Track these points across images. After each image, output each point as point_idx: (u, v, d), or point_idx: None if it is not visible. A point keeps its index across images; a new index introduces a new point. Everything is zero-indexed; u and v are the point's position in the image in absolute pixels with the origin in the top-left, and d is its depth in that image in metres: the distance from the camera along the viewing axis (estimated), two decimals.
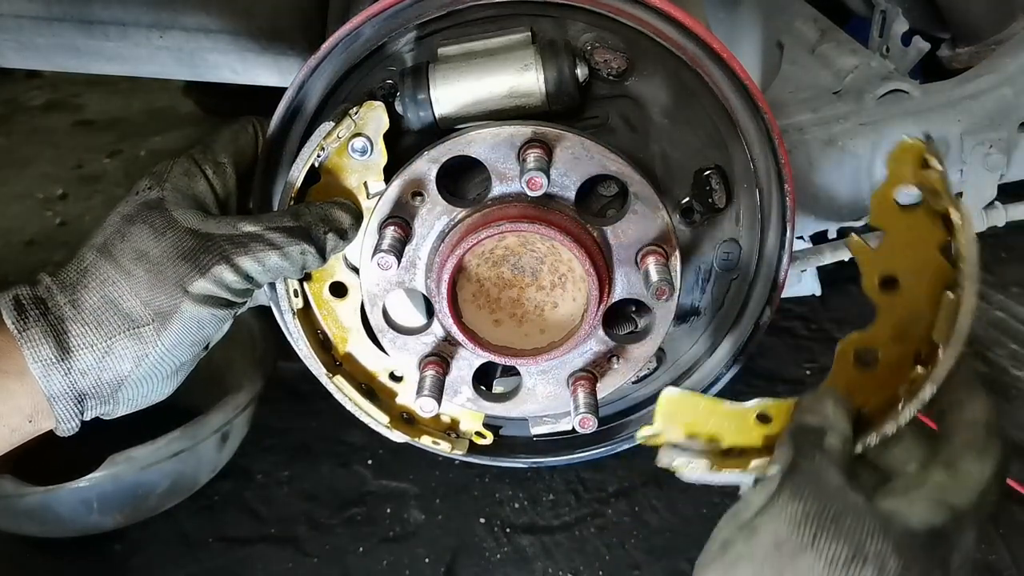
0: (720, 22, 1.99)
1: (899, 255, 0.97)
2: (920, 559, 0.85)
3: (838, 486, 0.89)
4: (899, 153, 0.93)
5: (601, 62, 1.07)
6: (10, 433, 0.98)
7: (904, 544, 0.85)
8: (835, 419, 0.96)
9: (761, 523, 0.88)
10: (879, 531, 0.85)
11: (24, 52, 1.46)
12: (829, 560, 0.84)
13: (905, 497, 0.90)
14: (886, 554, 0.84)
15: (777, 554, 0.85)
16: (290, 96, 1.10)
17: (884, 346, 1.00)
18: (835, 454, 0.93)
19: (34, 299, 0.99)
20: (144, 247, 1.01)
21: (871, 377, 1.01)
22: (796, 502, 0.87)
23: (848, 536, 0.85)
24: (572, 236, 1.02)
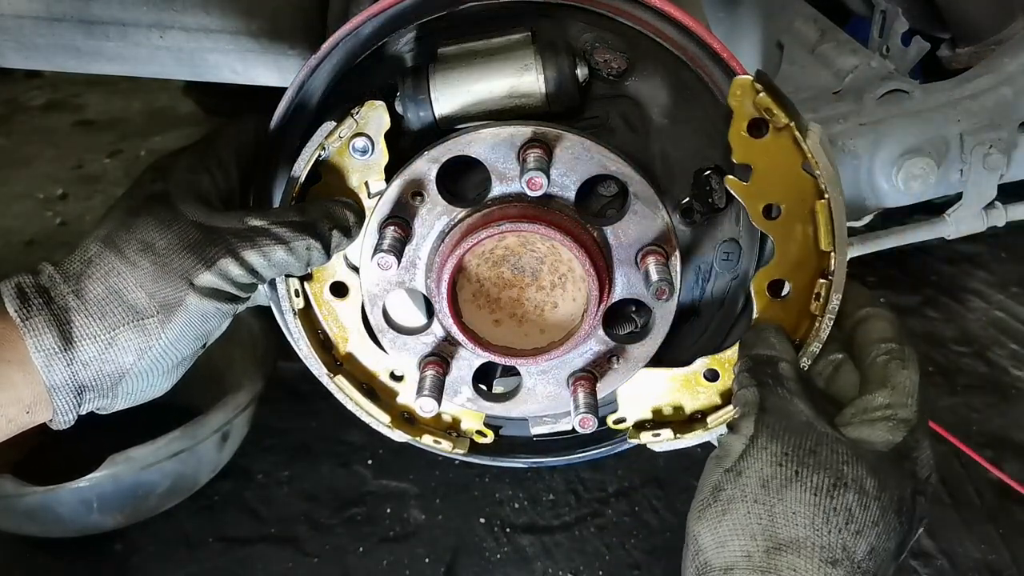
0: (720, 22, 1.99)
1: (770, 182, 1.04)
2: (892, 475, 0.93)
3: (807, 420, 0.97)
4: (735, 90, 1.02)
5: (601, 62, 1.07)
6: (6, 424, 0.98)
7: (876, 465, 0.93)
8: (781, 346, 1.05)
9: (745, 465, 0.94)
10: (852, 457, 0.92)
11: (24, 52, 1.45)
12: (814, 490, 0.90)
13: (864, 423, 0.99)
14: (863, 477, 0.91)
15: (765, 492, 0.92)
16: (290, 96, 1.10)
17: (789, 274, 1.08)
18: (792, 380, 1.01)
19: (37, 288, 0.99)
20: (150, 239, 1.01)
21: (788, 305, 1.09)
22: (774, 442, 0.94)
23: (827, 466, 0.91)
24: (572, 236, 1.02)
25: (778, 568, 0.88)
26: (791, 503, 0.90)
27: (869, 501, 0.90)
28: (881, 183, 1.64)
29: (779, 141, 1.04)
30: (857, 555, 0.88)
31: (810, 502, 0.90)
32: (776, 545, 0.89)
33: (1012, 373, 1.97)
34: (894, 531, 0.90)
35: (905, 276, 2.25)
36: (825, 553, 0.88)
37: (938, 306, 2.16)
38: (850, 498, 0.90)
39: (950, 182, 1.66)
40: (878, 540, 0.89)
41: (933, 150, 1.61)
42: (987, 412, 1.87)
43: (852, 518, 0.89)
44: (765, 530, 0.90)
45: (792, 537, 0.89)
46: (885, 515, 0.90)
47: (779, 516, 0.90)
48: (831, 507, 0.89)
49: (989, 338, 2.07)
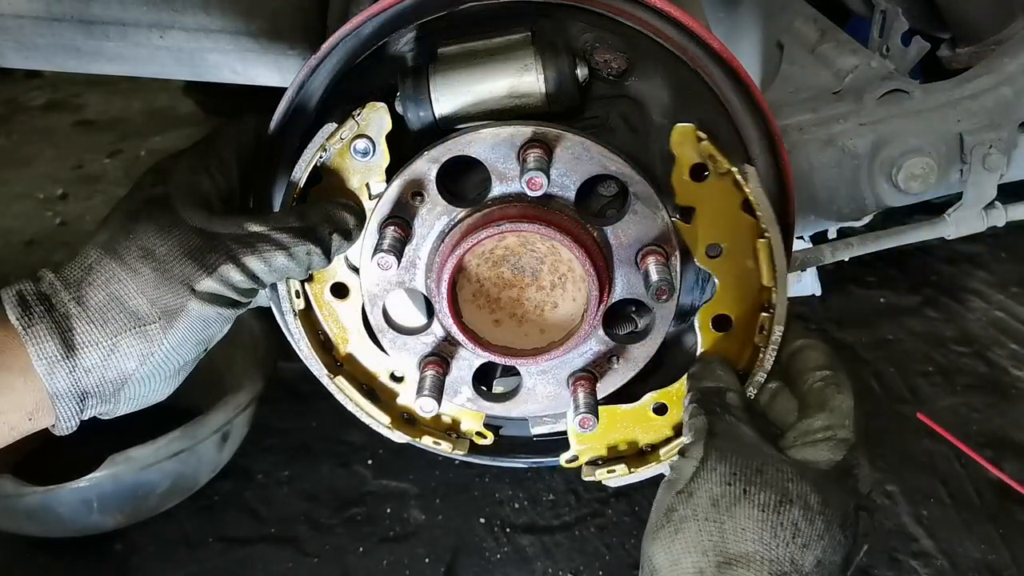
0: (720, 22, 1.99)
1: (712, 224, 1.09)
2: (835, 491, 0.97)
3: (754, 443, 1.02)
4: (677, 138, 1.05)
5: (601, 62, 1.07)
6: (9, 430, 0.98)
7: (819, 482, 0.97)
8: (727, 377, 1.10)
9: (696, 487, 0.97)
10: (797, 476, 0.97)
11: (24, 52, 1.45)
12: (762, 506, 0.94)
13: (806, 445, 1.03)
14: (807, 493, 0.95)
15: (715, 510, 0.95)
16: (290, 96, 1.10)
17: (732, 308, 1.12)
18: (739, 408, 1.06)
19: (38, 295, 0.99)
20: (150, 245, 1.01)
21: (732, 338, 1.14)
22: (723, 463, 0.98)
23: (773, 484, 0.95)
24: (572, 236, 1.02)
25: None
26: (740, 519, 0.94)
27: (814, 516, 0.94)
28: (881, 183, 1.64)
29: (719, 184, 1.07)
30: (805, 567, 0.92)
31: (758, 518, 0.93)
32: (727, 560, 0.92)
33: (1012, 373, 1.97)
34: (839, 544, 0.94)
35: (905, 276, 2.25)
36: (774, 566, 0.91)
37: (938, 306, 2.16)
38: (796, 513, 0.94)
39: (950, 182, 1.66)
40: (824, 553, 0.93)
41: (933, 150, 1.61)
42: (987, 412, 1.87)
43: (799, 532, 0.93)
44: (716, 546, 0.94)
45: (742, 552, 0.92)
46: (830, 529, 0.94)
47: (729, 532, 0.94)
48: (778, 522, 0.93)
49: (989, 338, 2.06)
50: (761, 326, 1.11)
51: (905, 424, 1.85)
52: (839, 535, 0.94)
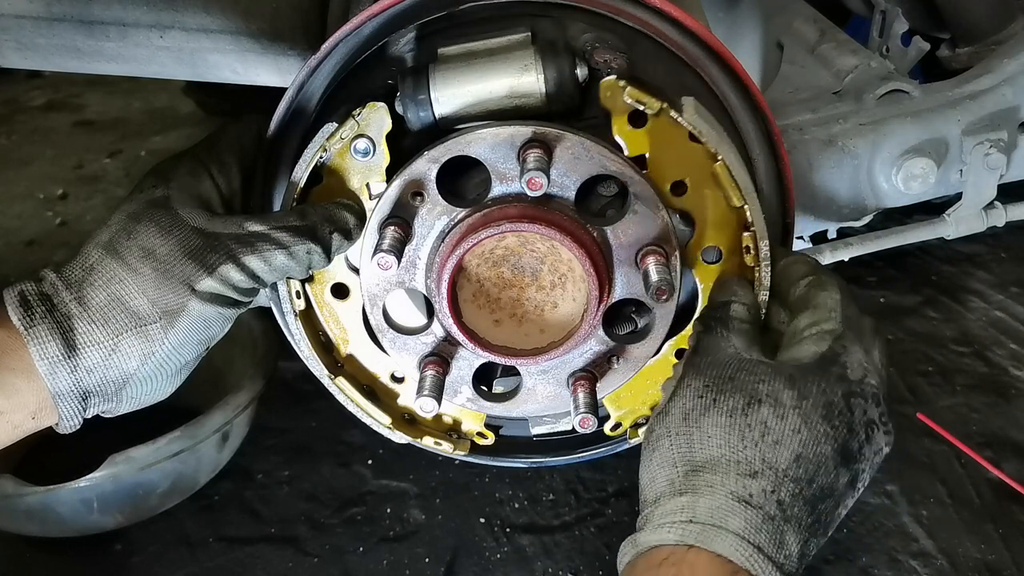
0: (720, 22, 1.99)
1: (666, 163, 1.08)
2: (816, 382, 0.94)
3: (733, 353, 0.99)
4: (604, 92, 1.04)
5: (601, 62, 1.07)
6: (12, 429, 0.99)
7: (795, 376, 0.94)
8: (741, 291, 1.07)
9: (672, 405, 0.97)
10: (769, 374, 0.94)
11: (24, 52, 1.45)
12: (729, 412, 0.92)
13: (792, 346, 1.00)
14: (778, 390, 0.93)
15: (685, 423, 0.94)
16: (290, 96, 1.10)
17: (716, 239, 1.12)
18: (739, 320, 1.03)
19: (40, 296, 0.99)
20: (151, 245, 1.01)
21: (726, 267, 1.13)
22: (698, 377, 0.97)
23: (742, 388, 0.94)
24: (572, 236, 1.02)
25: (695, 487, 0.90)
26: (707, 428, 0.93)
27: (787, 412, 0.91)
28: (881, 183, 1.64)
29: (660, 124, 1.06)
30: (780, 464, 0.90)
31: (725, 424, 0.92)
32: (694, 468, 0.92)
33: (1012, 373, 1.96)
34: (824, 436, 0.91)
35: (905, 276, 2.25)
36: (742, 467, 0.90)
37: (938, 306, 2.16)
38: (765, 412, 0.92)
39: (950, 182, 1.67)
40: (804, 447, 0.90)
41: (933, 150, 1.61)
42: (987, 412, 1.87)
43: (768, 430, 0.91)
44: (683, 456, 0.93)
45: (708, 457, 0.91)
46: (808, 422, 0.91)
47: (696, 442, 0.93)
48: (745, 424, 0.92)
49: (989, 338, 2.06)
50: (747, 246, 1.09)
51: (905, 424, 1.85)
52: (822, 426, 0.91)
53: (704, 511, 0.89)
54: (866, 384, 0.95)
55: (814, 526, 0.91)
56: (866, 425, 0.94)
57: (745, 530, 0.87)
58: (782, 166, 1.14)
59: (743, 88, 1.10)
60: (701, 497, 0.90)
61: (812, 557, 0.92)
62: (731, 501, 0.88)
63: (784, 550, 0.88)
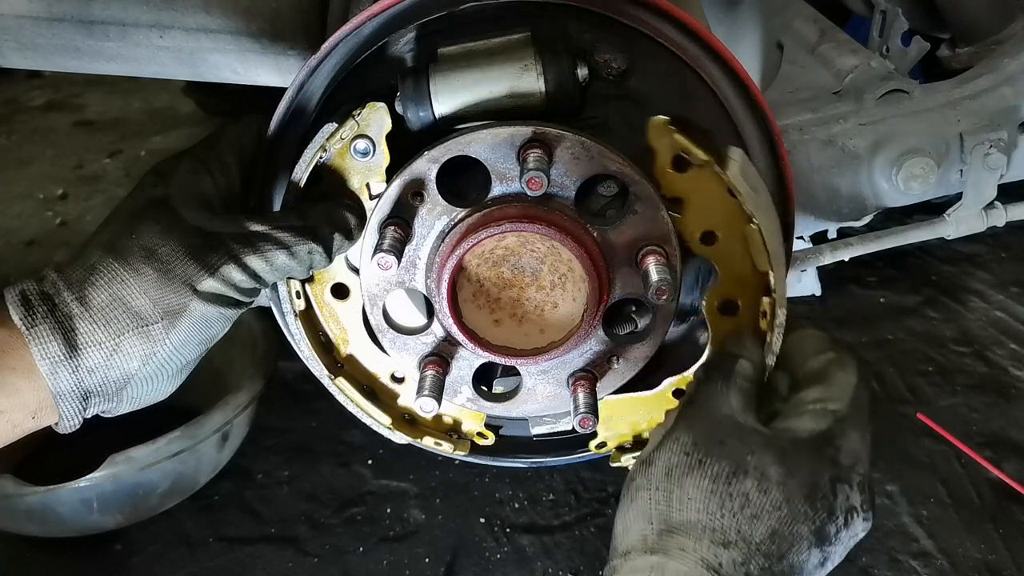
0: (720, 22, 1.99)
1: (703, 211, 1.07)
2: (806, 462, 0.93)
3: (728, 414, 0.97)
4: (654, 131, 1.04)
5: (601, 62, 1.07)
6: (12, 428, 0.99)
7: (787, 453, 0.93)
8: (751, 348, 1.05)
9: (657, 456, 0.95)
10: (761, 446, 0.93)
11: (24, 52, 1.45)
12: (713, 477, 0.91)
13: (793, 416, 0.99)
14: (766, 464, 0.91)
15: (668, 479, 0.93)
16: (290, 96, 1.10)
17: (736, 293, 1.11)
18: (743, 378, 1.01)
19: (41, 295, 0.99)
20: (152, 245, 1.01)
21: (740, 322, 1.11)
22: (687, 432, 0.96)
23: (730, 455, 0.92)
24: (572, 236, 1.02)
25: (666, 548, 0.90)
26: (688, 489, 0.92)
27: (770, 487, 0.91)
28: (881, 183, 1.64)
29: (703, 172, 1.05)
30: (755, 538, 0.89)
31: (707, 488, 0.91)
32: (669, 528, 0.91)
33: (1012, 373, 1.97)
34: (803, 516, 0.91)
35: (905, 276, 2.25)
36: (716, 535, 0.89)
37: (938, 306, 2.16)
38: (748, 484, 0.91)
39: (950, 182, 1.67)
40: (781, 524, 0.90)
41: (933, 150, 1.61)
42: (987, 412, 1.87)
43: (749, 503, 0.90)
44: (661, 514, 0.92)
45: (684, 520, 0.91)
46: (791, 501, 0.91)
47: (675, 501, 0.92)
48: (727, 493, 0.91)
49: (989, 338, 2.06)
50: (764, 311, 1.09)
51: (905, 424, 1.85)
52: (802, 507, 0.91)
53: (672, 574, 0.89)
54: (855, 472, 0.95)
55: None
56: (847, 511, 0.94)
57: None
58: (782, 166, 1.14)
59: (743, 88, 1.10)
60: (671, 560, 0.89)
61: None
62: (700, 568, 0.88)
63: None
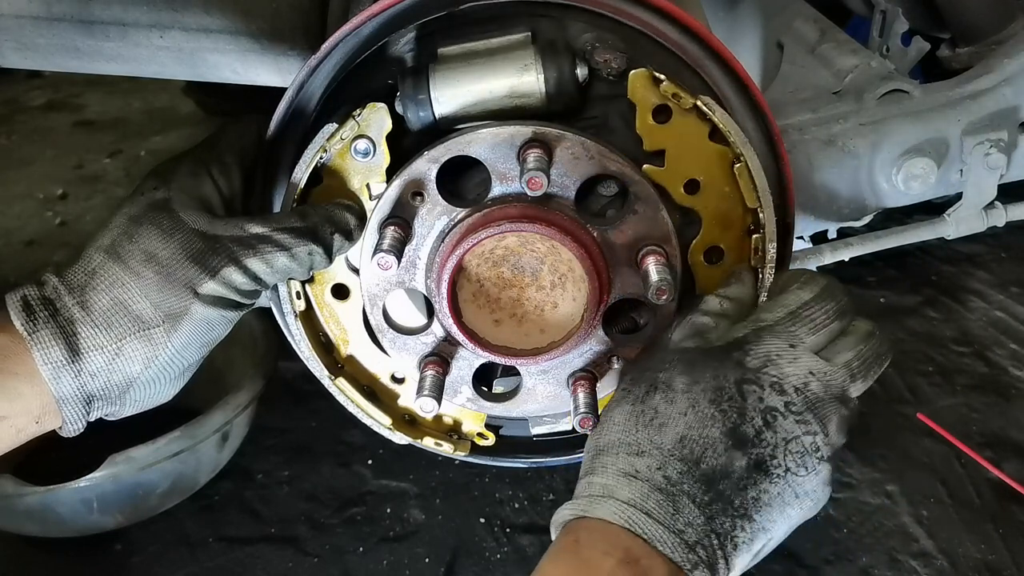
0: (720, 22, 1.99)
1: (684, 161, 1.09)
2: (709, 366, 0.97)
3: (663, 345, 1.03)
4: (634, 84, 1.06)
5: (601, 62, 1.07)
6: (16, 433, 0.99)
7: (695, 363, 0.98)
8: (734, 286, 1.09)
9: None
10: (672, 363, 0.99)
11: (24, 52, 1.45)
12: (632, 400, 0.98)
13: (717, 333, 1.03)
14: (672, 376, 0.97)
15: (607, 412, 1.01)
16: (290, 96, 1.10)
17: (720, 238, 1.13)
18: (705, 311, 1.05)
19: (42, 300, 0.99)
20: (152, 248, 1.01)
21: (725, 267, 1.14)
22: (627, 371, 1.04)
23: (647, 378, 0.99)
24: (572, 236, 1.02)
25: (593, 468, 0.96)
26: (615, 416, 0.98)
27: (676, 396, 0.95)
28: (881, 183, 1.64)
29: (684, 121, 1.07)
30: (665, 444, 0.93)
31: (627, 411, 0.97)
32: (597, 452, 0.97)
33: (1012, 373, 1.96)
34: (710, 419, 0.93)
35: (905, 276, 2.25)
36: (631, 447, 0.94)
37: (938, 306, 2.16)
38: (657, 398, 0.96)
39: (950, 182, 1.67)
40: (688, 428, 0.93)
41: (933, 150, 1.61)
42: (987, 412, 1.87)
43: (657, 414, 0.95)
44: (593, 443, 0.99)
45: (607, 442, 0.97)
46: (696, 406, 0.94)
47: (604, 429, 0.98)
48: (640, 410, 0.96)
49: (989, 338, 2.06)
50: (755, 248, 1.11)
51: (905, 424, 1.85)
52: (707, 409, 0.93)
53: (597, 487, 0.94)
54: (763, 373, 0.96)
55: (717, 503, 0.91)
56: (763, 412, 0.94)
57: (631, 499, 0.91)
58: (782, 166, 1.14)
59: (743, 88, 1.10)
60: (595, 476, 0.95)
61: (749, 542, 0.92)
62: (618, 477, 0.93)
63: (680, 518, 0.90)
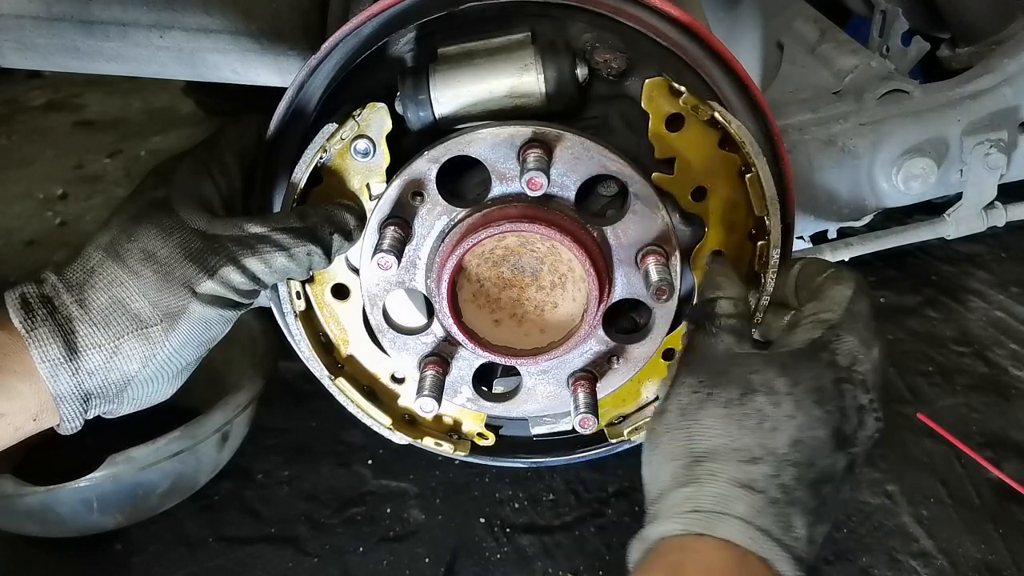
0: (720, 22, 1.99)
1: (694, 168, 1.10)
2: (805, 367, 0.95)
3: (724, 348, 1.00)
4: (649, 93, 1.06)
5: (601, 62, 1.07)
6: (13, 431, 0.99)
7: (787, 365, 0.95)
8: (725, 284, 1.06)
9: (668, 404, 0.97)
10: (762, 364, 0.96)
11: (24, 52, 1.45)
12: (725, 403, 0.93)
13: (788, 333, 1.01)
14: (771, 378, 0.94)
15: (683, 418, 0.95)
16: (290, 96, 1.10)
17: (723, 243, 1.14)
18: (726, 316, 1.03)
19: (41, 298, 0.99)
20: (151, 247, 1.01)
21: None
22: (691, 375, 0.98)
23: (736, 380, 0.94)
24: (572, 236, 1.02)
25: (697, 477, 0.91)
26: (705, 420, 0.94)
27: (780, 399, 0.92)
28: (881, 183, 1.64)
29: (694, 130, 1.08)
30: (779, 449, 0.90)
31: (722, 414, 0.93)
32: (695, 459, 0.92)
33: (1012, 373, 1.96)
34: (818, 420, 0.92)
35: (905, 276, 2.25)
36: (742, 454, 0.91)
37: (938, 306, 2.16)
38: (760, 400, 0.93)
39: (950, 182, 1.67)
40: (800, 431, 0.91)
41: (933, 150, 1.62)
42: (987, 412, 1.87)
43: (765, 418, 0.92)
44: (684, 449, 0.94)
45: (708, 448, 0.92)
46: (802, 407, 0.92)
47: (695, 434, 0.94)
48: (742, 413, 0.92)
49: (989, 338, 2.06)
50: (759, 254, 1.11)
51: (905, 424, 1.85)
52: (815, 411, 0.92)
53: (708, 499, 0.89)
54: (854, 371, 0.96)
55: (819, 509, 0.91)
56: (857, 410, 0.94)
57: (749, 514, 0.88)
58: (782, 166, 1.14)
59: (743, 88, 1.10)
60: (704, 486, 0.90)
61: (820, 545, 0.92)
62: (734, 487, 0.89)
63: (791, 532, 0.88)
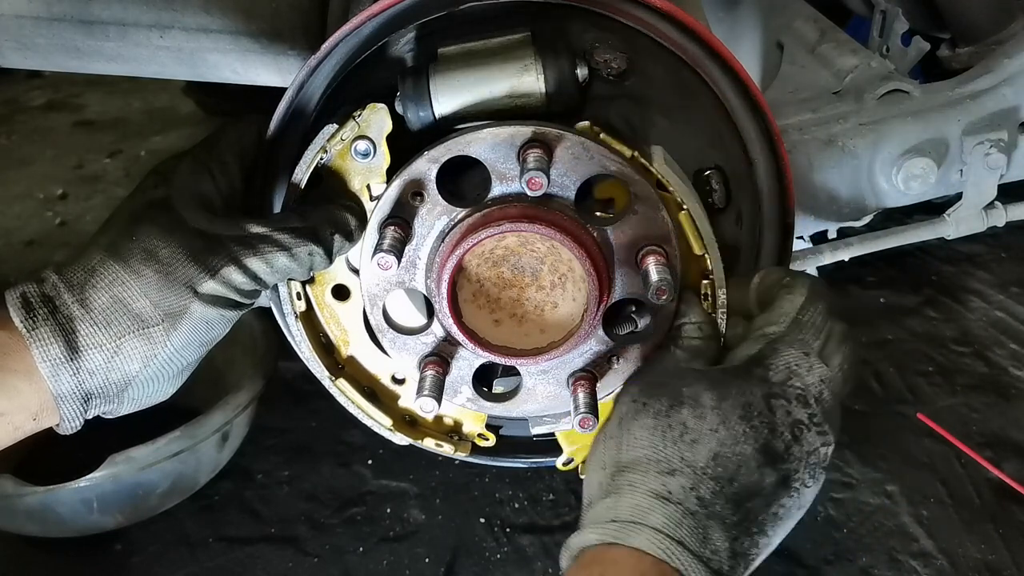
0: (720, 22, 1.99)
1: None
2: (736, 384, 0.96)
3: (672, 363, 1.02)
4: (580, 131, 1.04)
5: (601, 62, 1.07)
6: (13, 430, 0.99)
7: (718, 379, 0.96)
8: (689, 310, 1.08)
9: (612, 412, 1.00)
10: (694, 378, 0.98)
11: (24, 52, 1.45)
12: (654, 414, 0.95)
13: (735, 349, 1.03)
14: (699, 392, 0.95)
15: (618, 427, 0.97)
16: (290, 96, 1.10)
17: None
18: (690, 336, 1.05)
19: (42, 297, 0.99)
20: (152, 247, 1.01)
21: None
22: (635, 386, 1.00)
23: (669, 392, 0.96)
24: (572, 236, 1.02)
25: (618, 487, 0.93)
26: (635, 431, 0.95)
27: (705, 412, 0.93)
28: (881, 183, 1.64)
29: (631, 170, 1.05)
30: (698, 462, 0.91)
31: (650, 426, 0.95)
32: (619, 469, 0.94)
33: (1012, 373, 1.96)
34: (743, 435, 0.92)
35: (905, 276, 2.25)
36: (661, 465, 0.92)
37: (938, 306, 2.16)
38: (684, 413, 0.94)
39: (950, 182, 1.67)
40: (721, 446, 0.92)
41: (933, 150, 1.62)
42: (987, 412, 1.87)
43: (687, 430, 0.93)
44: (612, 458, 0.96)
45: (632, 458, 0.94)
46: (727, 422, 0.93)
47: (624, 444, 0.96)
48: (667, 424, 0.94)
49: (989, 338, 2.06)
50: (705, 293, 1.10)
51: (905, 424, 1.85)
52: (739, 426, 0.92)
53: (625, 509, 0.91)
54: (789, 386, 0.96)
55: (743, 524, 0.91)
56: (791, 426, 0.94)
57: (665, 525, 0.89)
58: (782, 166, 1.14)
59: (743, 88, 1.10)
60: (623, 496, 0.92)
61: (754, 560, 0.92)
62: (650, 498, 0.90)
63: (709, 545, 0.89)
